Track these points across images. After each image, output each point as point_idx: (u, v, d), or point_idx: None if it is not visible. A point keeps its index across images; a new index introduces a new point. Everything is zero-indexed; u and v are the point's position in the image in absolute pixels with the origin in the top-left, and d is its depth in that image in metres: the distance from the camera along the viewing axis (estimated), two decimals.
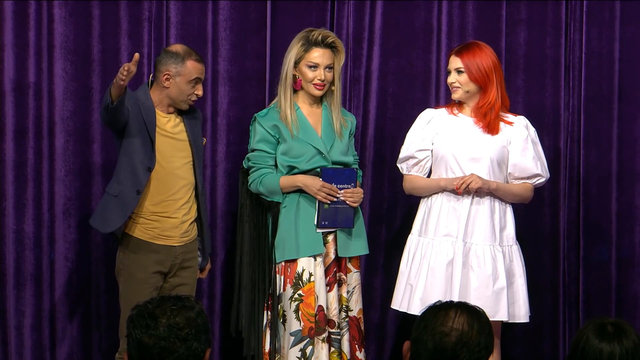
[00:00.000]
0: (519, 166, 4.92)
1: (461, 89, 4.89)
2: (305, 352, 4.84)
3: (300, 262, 4.86)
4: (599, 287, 5.65)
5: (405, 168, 5.01)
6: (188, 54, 4.79)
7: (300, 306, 4.84)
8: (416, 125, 5.01)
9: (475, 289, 4.80)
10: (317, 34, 4.89)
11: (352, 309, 4.99)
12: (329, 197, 4.84)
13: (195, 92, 4.80)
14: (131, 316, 2.90)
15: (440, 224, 4.87)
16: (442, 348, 2.90)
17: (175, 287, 4.83)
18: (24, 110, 5.32)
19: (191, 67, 4.77)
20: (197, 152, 4.88)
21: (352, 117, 5.12)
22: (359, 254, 5.01)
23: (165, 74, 4.77)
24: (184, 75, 4.76)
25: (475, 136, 4.89)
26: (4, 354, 5.34)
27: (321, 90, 4.92)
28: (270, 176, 4.89)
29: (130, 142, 4.76)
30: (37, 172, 5.33)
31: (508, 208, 4.95)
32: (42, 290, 5.36)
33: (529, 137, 4.94)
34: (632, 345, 3.04)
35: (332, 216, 4.88)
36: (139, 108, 4.75)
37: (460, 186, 4.79)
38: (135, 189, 4.76)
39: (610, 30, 5.63)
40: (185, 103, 4.82)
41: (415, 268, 4.90)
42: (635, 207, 5.64)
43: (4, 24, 5.29)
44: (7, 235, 5.31)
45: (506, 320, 4.85)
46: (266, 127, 4.91)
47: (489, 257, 4.84)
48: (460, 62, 4.88)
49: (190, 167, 4.87)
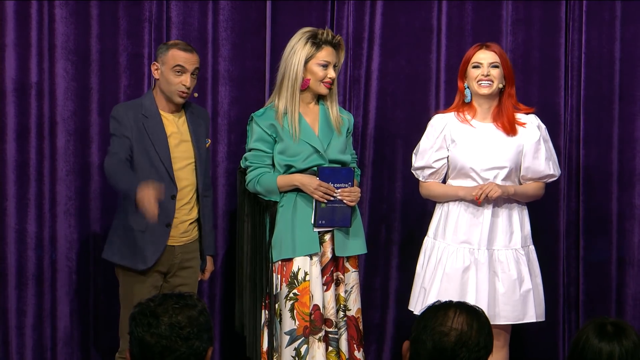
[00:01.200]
0: (532, 169, 4.92)
1: (494, 83, 4.84)
2: (300, 351, 4.84)
3: (295, 261, 4.87)
4: (599, 287, 5.65)
5: (422, 176, 4.97)
6: (174, 44, 4.80)
7: (295, 305, 4.85)
8: (429, 133, 4.95)
9: (502, 295, 4.80)
10: (325, 33, 4.89)
11: (351, 309, 4.99)
12: (326, 197, 4.84)
13: (182, 82, 4.76)
14: (133, 314, 2.90)
15: (459, 230, 4.85)
16: (442, 348, 2.90)
17: (175, 287, 4.82)
18: (26, 110, 5.33)
19: (174, 54, 4.74)
20: (199, 154, 4.87)
21: (350, 115, 5.11)
22: (356, 253, 5.00)
23: (154, 65, 4.78)
24: (167, 63, 4.74)
25: (495, 145, 4.85)
26: (5, 353, 5.34)
27: (329, 88, 4.93)
28: (268, 175, 4.90)
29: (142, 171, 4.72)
30: (38, 172, 5.34)
31: (524, 209, 4.95)
32: (43, 290, 5.36)
33: (541, 137, 4.93)
34: (632, 346, 3.04)
35: (330, 215, 4.88)
36: (146, 134, 4.73)
37: (480, 196, 4.78)
38: (165, 222, 4.75)
39: (610, 30, 5.63)
40: (176, 95, 4.77)
41: (430, 272, 4.88)
42: (635, 207, 5.64)
43: (6, 24, 5.30)
44: (8, 235, 5.32)
45: (534, 320, 4.86)
46: (263, 127, 4.91)
47: (512, 261, 4.83)
48: (496, 56, 4.84)
49: (193, 168, 4.87)
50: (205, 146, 4.91)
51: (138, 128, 4.73)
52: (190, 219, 4.87)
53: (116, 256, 4.80)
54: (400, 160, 5.56)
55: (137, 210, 4.56)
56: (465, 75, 4.89)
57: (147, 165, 4.73)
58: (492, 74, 4.82)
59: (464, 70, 4.89)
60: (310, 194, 4.85)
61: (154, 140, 4.74)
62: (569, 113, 5.66)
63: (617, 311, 5.63)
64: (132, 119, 4.73)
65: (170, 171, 4.75)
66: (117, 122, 4.74)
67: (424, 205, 5.40)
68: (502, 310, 4.81)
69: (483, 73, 4.82)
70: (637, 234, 5.65)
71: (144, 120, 4.75)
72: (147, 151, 4.73)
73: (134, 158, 4.72)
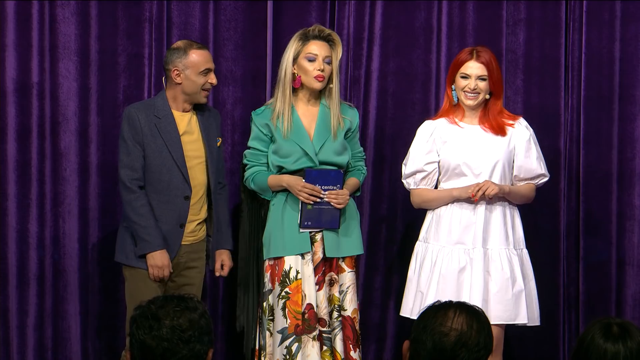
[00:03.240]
0: (525, 167, 4.92)
1: (481, 95, 4.87)
2: (291, 349, 4.85)
3: (287, 260, 4.88)
4: (599, 287, 5.65)
5: (413, 183, 4.97)
6: (189, 45, 4.81)
7: (287, 304, 4.86)
8: (419, 139, 4.97)
9: (495, 294, 4.80)
10: (313, 28, 4.95)
11: (346, 309, 4.99)
12: (312, 198, 4.85)
13: (209, 80, 4.80)
14: (134, 317, 2.91)
15: (452, 231, 4.86)
16: (441, 348, 2.90)
17: (180, 287, 4.83)
18: (27, 110, 5.33)
19: (196, 56, 4.77)
20: (210, 152, 4.88)
21: (354, 111, 5.11)
22: (350, 254, 5.00)
23: (175, 71, 4.78)
24: (193, 66, 4.76)
25: (485, 143, 4.88)
26: (6, 353, 5.34)
27: (322, 82, 4.92)
28: (261, 175, 4.93)
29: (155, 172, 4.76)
30: (40, 172, 5.34)
31: (516, 211, 4.96)
32: (44, 290, 5.37)
33: (531, 137, 4.95)
34: (637, 347, 3.04)
35: (316, 217, 4.89)
36: (159, 134, 4.74)
37: (476, 193, 4.78)
38: (179, 222, 4.77)
39: (610, 30, 5.63)
40: (202, 95, 4.82)
41: (425, 275, 4.88)
42: (635, 207, 5.64)
43: (6, 25, 5.30)
44: (10, 234, 5.32)
45: (525, 322, 4.86)
46: (259, 126, 4.95)
47: (505, 260, 4.84)
48: (484, 69, 4.84)
49: (203, 167, 4.87)
50: (216, 145, 4.92)
51: (150, 129, 4.74)
52: (199, 219, 4.87)
53: (129, 258, 4.80)
54: (400, 160, 5.54)
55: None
56: (453, 81, 4.91)
57: (160, 166, 4.74)
58: (479, 87, 4.85)
59: (453, 76, 4.91)
60: (296, 195, 4.86)
61: (167, 140, 4.75)
62: (569, 113, 5.66)
63: (617, 311, 5.63)
64: (144, 120, 4.74)
65: (184, 171, 4.77)
66: (128, 125, 4.75)
67: None
68: (494, 309, 4.79)
69: (470, 86, 4.85)
70: (637, 234, 5.65)
71: (157, 122, 4.76)
72: (160, 152, 4.74)
73: (146, 161, 4.73)
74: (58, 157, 5.34)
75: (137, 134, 4.72)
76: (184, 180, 4.76)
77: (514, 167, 4.93)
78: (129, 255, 4.78)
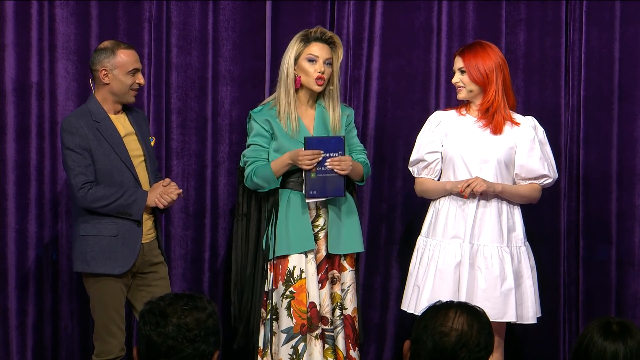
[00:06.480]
0: (526, 167, 4.93)
1: (465, 88, 4.91)
2: (297, 349, 4.86)
3: (291, 259, 4.89)
4: (599, 287, 5.65)
5: (416, 171, 5.01)
6: (116, 45, 4.78)
7: (291, 303, 4.87)
8: (425, 128, 5.02)
9: (483, 290, 4.80)
10: (315, 30, 4.95)
11: (347, 308, 5.01)
12: (313, 162, 4.82)
13: (137, 80, 4.78)
14: (142, 312, 2.93)
15: (448, 226, 4.88)
16: (442, 348, 2.90)
17: (154, 281, 4.83)
18: (26, 110, 5.33)
19: (124, 56, 4.74)
20: (147, 150, 4.88)
21: (350, 110, 5.13)
22: (351, 251, 5.01)
23: (102, 71, 4.74)
24: (120, 66, 4.73)
25: (482, 138, 4.90)
26: (6, 353, 5.34)
27: (321, 84, 4.93)
28: (261, 166, 4.92)
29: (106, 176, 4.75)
30: (39, 172, 5.34)
31: (516, 209, 4.96)
32: (43, 290, 5.37)
33: (536, 137, 4.94)
34: (637, 346, 3.05)
35: (321, 185, 4.86)
36: (103, 138, 4.72)
37: (464, 189, 4.80)
38: (136, 221, 4.77)
39: (610, 30, 5.63)
40: (130, 95, 4.79)
41: (423, 269, 4.90)
42: (635, 207, 5.65)
43: (6, 24, 5.30)
44: (9, 235, 5.32)
45: (514, 321, 4.85)
46: (260, 123, 4.95)
47: (496, 258, 4.84)
48: (462, 62, 4.90)
49: (144, 165, 4.87)
50: (150, 143, 4.92)
51: (94, 134, 4.71)
52: (150, 217, 4.88)
53: (91, 266, 4.74)
54: (400, 160, 5.56)
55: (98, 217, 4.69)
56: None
57: (111, 168, 4.73)
58: (461, 80, 4.91)
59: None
60: (299, 165, 4.85)
61: (112, 142, 4.73)
62: (569, 113, 5.66)
63: (617, 311, 5.63)
64: (86, 126, 4.71)
65: (132, 170, 4.77)
66: (71, 134, 4.70)
67: (424, 205, 5.39)
68: (481, 306, 4.78)
69: (455, 80, 4.94)
70: (637, 234, 5.65)
71: (97, 126, 4.73)
72: (108, 155, 4.72)
73: (96, 166, 4.71)
74: (57, 157, 5.33)
75: (83, 141, 4.69)
76: (134, 179, 4.77)
77: (515, 166, 4.93)
78: (91, 263, 4.73)
